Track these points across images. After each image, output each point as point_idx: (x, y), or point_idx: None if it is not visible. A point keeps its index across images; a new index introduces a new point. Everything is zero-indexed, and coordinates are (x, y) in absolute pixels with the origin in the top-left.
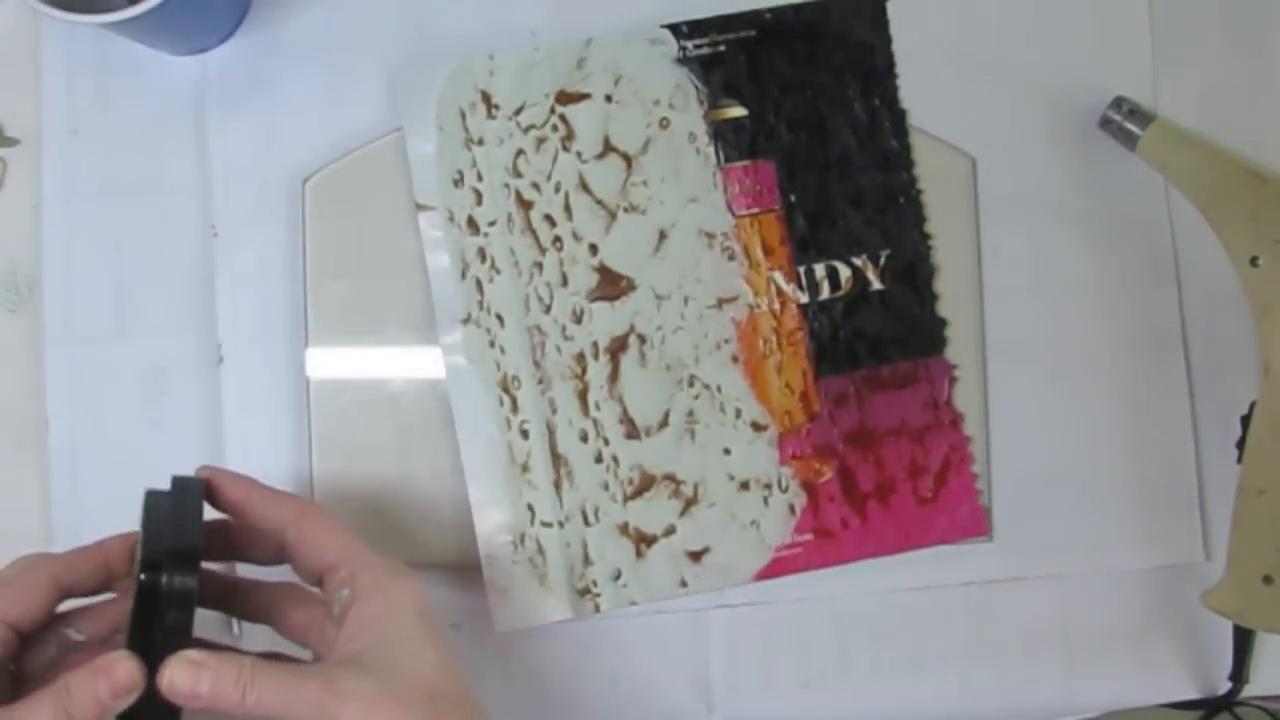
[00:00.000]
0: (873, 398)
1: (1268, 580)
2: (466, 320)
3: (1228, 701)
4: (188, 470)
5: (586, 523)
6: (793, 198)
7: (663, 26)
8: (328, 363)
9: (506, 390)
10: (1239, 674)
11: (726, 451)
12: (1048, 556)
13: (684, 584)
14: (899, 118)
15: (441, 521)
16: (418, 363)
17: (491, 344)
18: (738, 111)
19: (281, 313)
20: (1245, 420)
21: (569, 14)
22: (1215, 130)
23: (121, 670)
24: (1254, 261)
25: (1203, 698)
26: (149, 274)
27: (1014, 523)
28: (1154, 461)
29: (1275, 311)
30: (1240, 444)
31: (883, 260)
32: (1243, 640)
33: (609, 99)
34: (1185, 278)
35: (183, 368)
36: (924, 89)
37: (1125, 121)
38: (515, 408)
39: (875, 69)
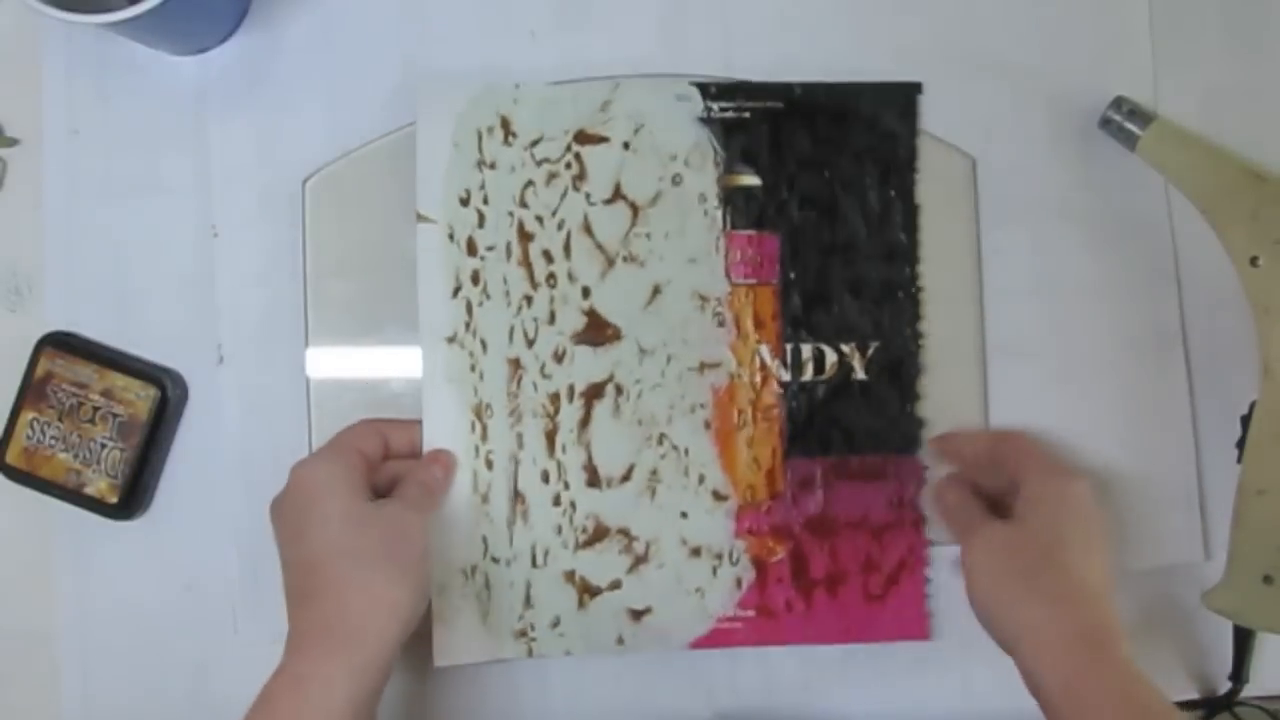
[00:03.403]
0: (838, 486)
1: (1268, 580)
2: (452, 339)
3: (1228, 701)
4: None
5: (534, 564)
6: (792, 274)
7: (691, 84)
8: (328, 363)
9: (479, 417)
10: (1239, 674)
11: (684, 515)
12: None
13: (621, 641)
14: (912, 212)
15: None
16: (418, 363)
17: (472, 368)
18: (751, 180)
19: (281, 313)
20: (1245, 420)
21: (569, 15)
22: (1215, 130)
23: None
24: (1254, 261)
25: (1203, 698)
26: (149, 274)
27: None
28: (1154, 461)
29: (1275, 311)
30: (1240, 444)
31: (871, 351)
32: (1243, 640)
33: (626, 146)
34: (1185, 278)
35: (183, 367)
36: (924, 89)
37: (1125, 121)
38: (485, 435)
39: (897, 160)
